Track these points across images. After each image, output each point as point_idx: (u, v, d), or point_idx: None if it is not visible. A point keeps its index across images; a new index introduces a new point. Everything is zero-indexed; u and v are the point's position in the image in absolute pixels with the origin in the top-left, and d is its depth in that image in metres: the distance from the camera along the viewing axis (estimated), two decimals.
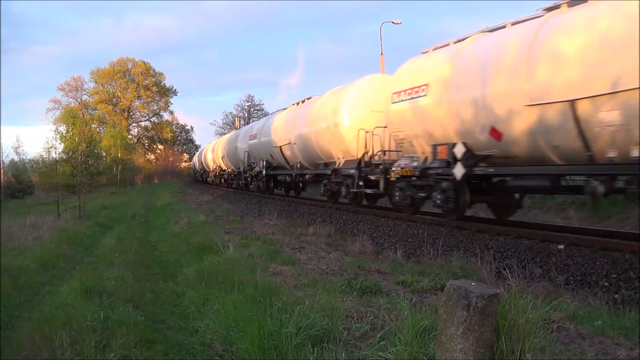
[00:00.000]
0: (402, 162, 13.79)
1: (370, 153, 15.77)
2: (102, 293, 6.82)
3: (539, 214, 17.39)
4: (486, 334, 3.29)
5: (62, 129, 41.41)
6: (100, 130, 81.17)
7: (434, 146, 12.27)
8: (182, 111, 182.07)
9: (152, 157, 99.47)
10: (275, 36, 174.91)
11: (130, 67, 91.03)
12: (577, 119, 8.57)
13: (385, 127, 14.76)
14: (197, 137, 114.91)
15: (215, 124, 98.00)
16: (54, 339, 5.04)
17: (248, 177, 30.31)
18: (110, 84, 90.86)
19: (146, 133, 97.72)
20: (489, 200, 13.02)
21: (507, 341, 3.39)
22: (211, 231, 13.20)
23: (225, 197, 32.17)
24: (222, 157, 40.38)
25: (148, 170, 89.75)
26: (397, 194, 14.36)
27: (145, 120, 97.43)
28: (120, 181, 59.61)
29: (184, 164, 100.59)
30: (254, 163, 29.39)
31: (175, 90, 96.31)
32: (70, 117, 45.86)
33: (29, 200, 34.97)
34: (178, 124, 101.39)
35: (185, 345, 5.50)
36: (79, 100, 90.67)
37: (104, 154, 57.94)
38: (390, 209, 16.27)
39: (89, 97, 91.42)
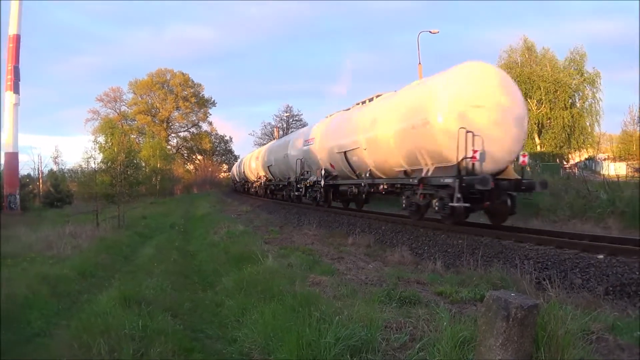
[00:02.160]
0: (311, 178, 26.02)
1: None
2: (141, 302, 6.93)
3: (578, 223, 17.08)
4: (525, 345, 3.30)
5: (101, 139, 42.24)
6: (139, 140, 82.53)
7: (317, 169, 24.52)
8: (221, 122, 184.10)
9: (191, 167, 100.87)
10: (314, 46, 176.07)
11: (168, 78, 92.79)
12: (347, 159, 20.24)
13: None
14: (236, 148, 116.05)
15: (253, 135, 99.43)
16: (92, 347, 5.16)
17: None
18: (149, 95, 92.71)
19: (185, 143, 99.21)
20: (341, 199, 24.42)
21: (546, 352, 3.38)
22: (250, 241, 13.32)
23: (265, 207, 32.43)
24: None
25: (187, 181, 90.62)
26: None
27: (184, 131, 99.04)
28: (159, 191, 59.99)
29: (222, 174, 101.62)
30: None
31: (213, 101, 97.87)
32: (109, 128, 46.53)
33: (67, 210, 35.37)
34: (217, 134, 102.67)
35: (223, 355, 5.60)
36: (117, 111, 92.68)
37: (143, 164, 58.64)
38: (429, 219, 16.15)
39: (127, 107, 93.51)
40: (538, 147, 43.85)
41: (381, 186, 17.77)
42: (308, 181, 26.24)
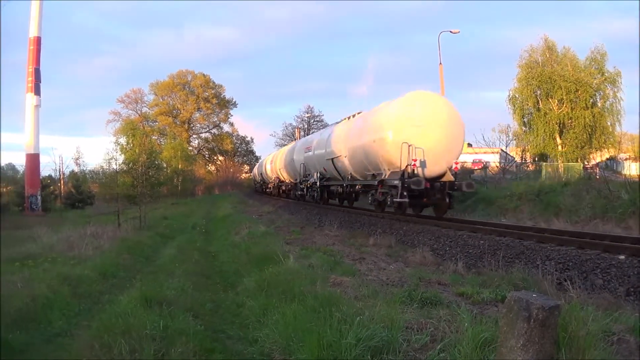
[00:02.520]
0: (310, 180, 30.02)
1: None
2: (162, 302, 6.97)
3: (599, 224, 16.88)
4: (546, 346, 3.29)
5: (123, 140, 42.61)
6: (160, 141, 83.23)
7: (315, 172, 28.58)
8: (243, 122, 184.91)
9: (213, 168, 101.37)
10: (335, 46, 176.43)
11: (189, 79, 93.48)
12: (334, 165, 23.65)
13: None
14: (258, 149, 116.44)
15: (275, 136, 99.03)
16: (112, 347, 5.19)
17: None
18: (170, 96, 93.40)
19: (206, 144, 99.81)
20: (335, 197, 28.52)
21: (567, 353, 3.38)
22: (272, 242, 13.37)
23: (286, 208, 32.54)
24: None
25: (208, 181, 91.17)
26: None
27: (206, 132, 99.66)
28: (180, 192, 60.37)
29: (244, 175, 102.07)
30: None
31: (235, 102, 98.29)
32: (130, 129, 46.58)
33: (89, 211, 35.69)
34: (238, 135, 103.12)
35: (244, 355, 5.65)
36: (139, 112, 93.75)
37: (165, 165, 59.05)
38: (450, 220, 16.11)
39: (149, 109, 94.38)
40: (559, 147, 43.36)
41: (357, 186, 22.79)
42: (308, 182, 30.44)
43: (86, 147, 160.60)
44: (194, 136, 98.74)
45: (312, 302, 6.11)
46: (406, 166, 17.13)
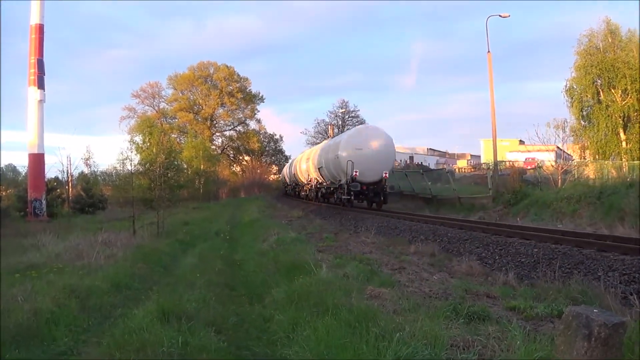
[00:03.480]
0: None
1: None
2: (181, 316, 6.95)
3: None
4: None
5: (138, 138, 42.40)
6: (180, 140, 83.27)
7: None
8: (270, 120, 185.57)
9: (238, 169, 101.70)
10: (374, 35, 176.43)
11: (212, 72, 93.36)
12: (341, 168, 32.31)
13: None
14: (287, 148, 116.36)
15: (306, 133, 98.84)
16: None
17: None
18: (190, 91, 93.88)
19: (231, 143, 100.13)
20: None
21: None
22: (302, 249, 13.38)
23: (318, 212, 32.57)
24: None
25: (233, 183, 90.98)
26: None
27: (230, 130, 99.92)
28: (202, 195, 60.31)
29: (272, 177, 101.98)
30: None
31: (262, 96, 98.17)
32: (146, 126, 46.68)
33: (100, 216, 35.45)
34: (266, 133, 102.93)
35: None
36: (156, 108, 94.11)
37: (185, 166, 58.92)
38: (500, 225, 15.91)
39: (167, 104, 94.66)
40: (624, 144, 42.17)
41: (331, 188, 35.89)
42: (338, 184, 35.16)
43: (97, 146, 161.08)
44: (217, 134, 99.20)
45: (346, 316, 6.08)
46: (351, 175, 30.29)
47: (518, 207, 24.59)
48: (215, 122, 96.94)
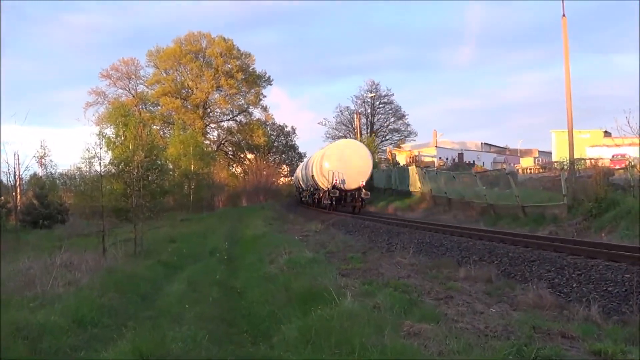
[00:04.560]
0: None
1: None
2: None
3: None
4: None
5: (110, 131, 42.19)
6: (164, 133, 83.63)
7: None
8: (282, 104, 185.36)
9: (239, 170, 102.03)
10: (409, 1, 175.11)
11: (204, 46, 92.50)
12: (324, 176, 46.93)
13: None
14: (302, 143, 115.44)
15: (325, 124, 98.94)
16: None
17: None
18: (177, 70, 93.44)
19: (230, 137, 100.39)
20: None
21: None
22: (321, 273, 13.32)
23: (341, 225, 32.56)
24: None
25: (233, 189, 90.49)
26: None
27: (228, 120, 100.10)
28: (193, 203, 59.53)
29: (282, 180, 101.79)
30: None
31: (269, 77, 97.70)
32: (120, 115, 46.08)
33: (59, 231, 35.24)
34: (274, 124, 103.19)
35: None
36: (132, 91, 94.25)
37: (171, 167, 58.57)
38: (579, 243, 15.74)
39: (146, 87, 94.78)
40: None
41: (320, 193, 48.70)
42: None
43: (55, 140, 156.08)
44: (212, 126, 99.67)
45: (378, 359, 6.02)
46: (333, 182, 43.86)
47: (603, 220, 24.26)
48: (209, 110, 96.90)
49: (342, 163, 44.33)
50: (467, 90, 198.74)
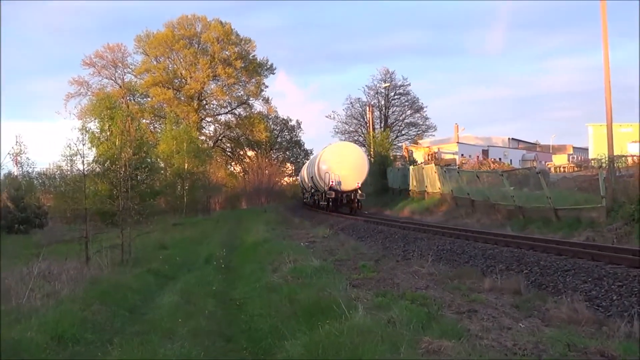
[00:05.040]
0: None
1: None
2: None
3: None
4: None
5: (94, 125, 42.20)
6: (155, 128, 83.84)
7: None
8: (285, 96, 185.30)
9: (238, 169, 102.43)
10: None
11: (199, 30, 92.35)
12: (321, 178, 53.27)
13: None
14: (310, 139, 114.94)
15: (334, 118, 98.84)
16: None
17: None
18: (168, 58, 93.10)
19: (228, 132, 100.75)
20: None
21: None
22: (329, 283, 13.36)
23: (352, 229, 32.57)
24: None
25: (231, 189, 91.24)
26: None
27: (226, 113, 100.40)
28: (187, 206, 59.38)
29: (286, 180, 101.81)
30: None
31: (271, 65, 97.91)
32: (105, 108, 45.87)
33: (37, 236, 35.04)
34: (276, 117, 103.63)
35: None
36: (119, 81, 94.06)
37: (162, 165, 58.55)
38: (620, 251, 15.68)
39: (135, 76, 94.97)
40: None
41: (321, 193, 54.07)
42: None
43: (33, 136, 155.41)
44: (208, 119, 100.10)
45: None
46: (329, 184, 49.20)
47: None
48: (205, 102, 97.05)
49: (338, 165, 50.36)
50: (493, 79, 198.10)
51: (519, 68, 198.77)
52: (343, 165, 50.12)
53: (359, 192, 49.92)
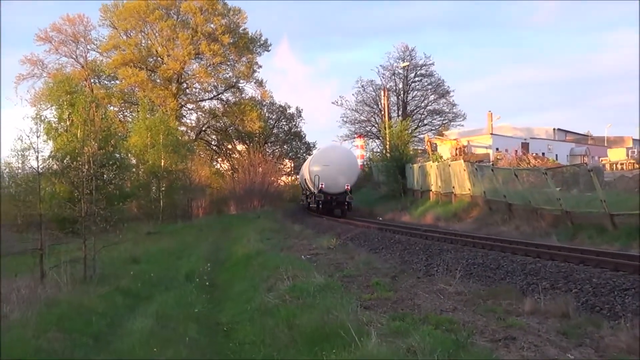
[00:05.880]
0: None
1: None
2: None
3: None
4: None
5: (50, 113, 41.96)
6: (125, 116, 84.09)
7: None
8: (289, 69, 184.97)
9: (226, 166, 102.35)
10: None
11: None
12: (312, 180, 65.28)
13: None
14: (314, 131, 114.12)
15: (341, 104, 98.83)
16: None
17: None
18: (141, 31, 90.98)
19: (213, 122, 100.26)
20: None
21: None
22: (336, 305, 13.27)
23: (364, 238, 32.60)
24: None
25: (218, 191, 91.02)
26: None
27: (212, 99, 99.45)
28: (164, 211, 59.03)
29: (284, 180, 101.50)
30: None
31: (265, 41, 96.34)
32: (64, 93, 45.54)
33: None
34: (272, 104, 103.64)
35: None
36: (80, 60, 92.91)
37: (134, 162, 58.27)
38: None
39: (100, 54, 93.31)
40: None
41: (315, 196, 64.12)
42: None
43: None
44: (190, 106, 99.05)
45: None
46: (319, 187, 59.83)
47: None
48: (185, 85, 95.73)
49: (327, 167, 60.38)
50: (537, 57, 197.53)
51: (570, 43, 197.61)
52: (332, 167, 60.19)
53: (349, 194, 59.73)
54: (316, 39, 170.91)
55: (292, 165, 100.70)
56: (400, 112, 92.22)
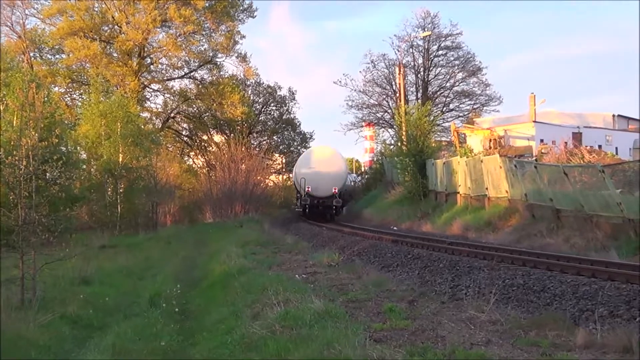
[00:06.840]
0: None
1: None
2: None
3: None
4: None
5: None
6: (74, 99, 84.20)
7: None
8: (269, 62, 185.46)
9: (200, 162, 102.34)
10: None
11: None
12: (299, 183, 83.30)
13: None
14: (305, 117, 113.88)
15: (345, 84, 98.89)
16: None
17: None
18: None
19: (185, 107, 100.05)
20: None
21: None
22: (339, 336, 13.37)
23: (374, 254, 32.70)
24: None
25: (190, 193, 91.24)
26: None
27: (182, 77, 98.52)
28: (122, 219, 58.67)
29: (274, 179, 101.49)
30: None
31: (250, 6, 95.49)
32: None
33: None
34: (258, 84, 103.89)
35: None
36: (17, 28, 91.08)
37: (84, 156, 58.02)
38: None
39: (42, 21, 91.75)
40: None
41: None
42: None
43: None
44: (155, 87, 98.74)
45: None
46: (306, 190, 73.45)
47: None
48: (149, 60, 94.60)
49: (313, 170, 72.75)
50: (593, 25, 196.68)
51: (634, 5, 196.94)
52: (319, 170, 72.39)
53: (337, 198, 71.37)
54: (316, 3, 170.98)
55: (284, 161, 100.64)
56: (419, 95, 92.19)
